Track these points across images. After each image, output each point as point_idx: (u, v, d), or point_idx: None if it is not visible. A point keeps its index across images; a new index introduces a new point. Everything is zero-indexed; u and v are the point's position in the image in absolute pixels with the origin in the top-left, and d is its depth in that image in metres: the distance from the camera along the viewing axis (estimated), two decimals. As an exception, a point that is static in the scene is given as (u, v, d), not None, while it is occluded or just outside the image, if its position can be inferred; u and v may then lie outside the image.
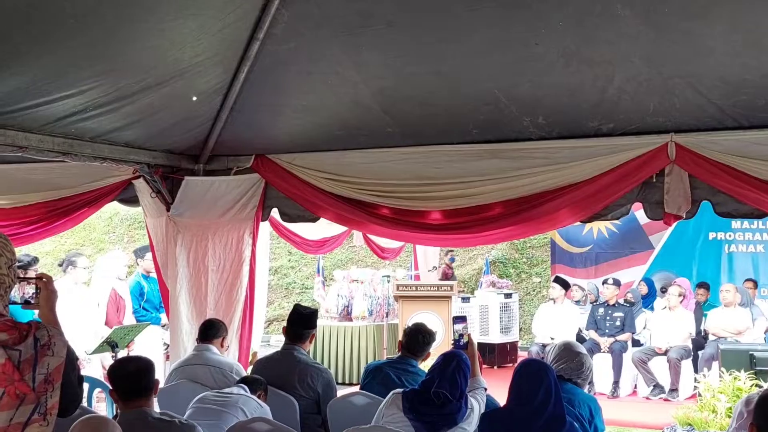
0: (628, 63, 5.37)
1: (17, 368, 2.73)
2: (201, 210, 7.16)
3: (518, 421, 4.56)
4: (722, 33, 5.06)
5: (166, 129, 6.57)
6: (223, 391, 5.42)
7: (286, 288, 20.71)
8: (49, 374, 2.79)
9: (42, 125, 5.72)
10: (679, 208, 5.86)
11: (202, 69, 5.84)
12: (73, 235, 21.97)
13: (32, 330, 2.81)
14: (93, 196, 7.46)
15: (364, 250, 17.84)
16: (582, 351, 5.33)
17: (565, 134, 6.13)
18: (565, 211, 6.18)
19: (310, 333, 6.29)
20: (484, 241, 10.08)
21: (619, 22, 5.07)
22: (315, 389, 5.97)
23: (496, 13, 5.22)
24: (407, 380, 5.75)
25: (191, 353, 6.29)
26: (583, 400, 5.10)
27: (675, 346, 11.53)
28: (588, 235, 15.97)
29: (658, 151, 5.83)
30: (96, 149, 6.30)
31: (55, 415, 2.82)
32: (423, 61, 5.78)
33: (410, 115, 6.33)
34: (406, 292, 12.26)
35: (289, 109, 6.52)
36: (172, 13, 5.06)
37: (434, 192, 6.54)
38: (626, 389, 11.91)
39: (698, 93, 5.46)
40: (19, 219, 7.63)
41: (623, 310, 12.35)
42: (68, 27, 4.72)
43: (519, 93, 5.86)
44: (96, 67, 5.25)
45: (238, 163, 7.20)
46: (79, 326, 8.58)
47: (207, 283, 7.18)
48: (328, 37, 5.61)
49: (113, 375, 4.46)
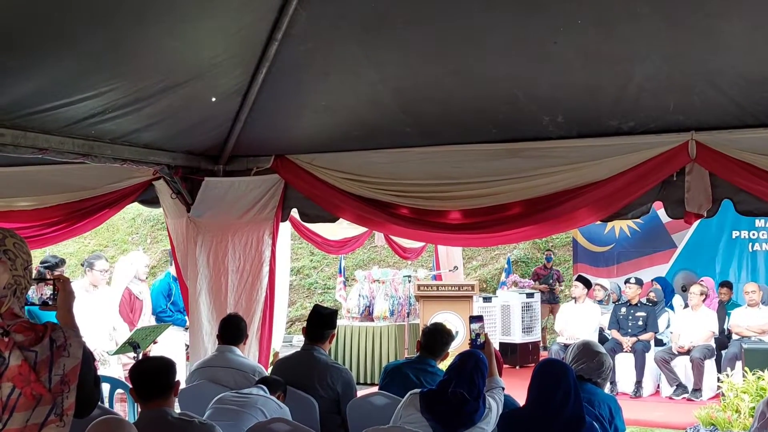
0: (647, 61, 5.35)
1: (33, 369, 2.74)
2: (221, 211, 7.17)
3: (537, 421, 4.55)
4: (743, 30, 5.03)
5: (185, 130, 6.59)
6: (242, 392, 5.43)
7: (308, 288, 20.74)
8: (65, 375, 2.80)
9: (62, 127, 5.74)
10: (700, 206, 5.82)
11: (220, 70, 5.85)
12: (96, 236, 22.09)
13: (48, 331, 2.82)
14: (114, 198, 7.48)
15: (385, 250, 17.87)
16: (601, 350, 5.30)
17: (585, 133, 6.09)
18: (584, 210, 6.15)
19: (330, 333, 6.29)
20: (503, 241, 10.06)
21: (638, 20, 5.05)
22: (335, 389, 5.97)
23: (515, 12, 5.21)
24: (426, 380, 5.74)
25: (213, 354, 6.28)
26: (603, 400, 5.08)
27: (698, 346, 11.45)
28: (610, 233, 15.88)
29: (678, 149, 5.78)
30: (116, 150, 6.32)
31: (72, 416, 2.83)
32: (441, 60, 5.77)
33: (429, 114, 6.31)
34: (426, 292, 12.26)
35: (308, 109, 6.53)
36: (190, 14, 5.09)
37: (453, 192, 6.52)
38: (649, 389, 11.84)
39: (719, 91, 5.42)
40: (41, 220, 7.66)
41: (646, 310, 12.29)
42: (87, 29, 4.75)
43: (538, 92, 5.84)
44: (115, 69, 5.27)
45: (257, 163, 7.19)
46: (94, 327, 8.62)
47: (227, 283, 7.19)
48: (345, 37, 5.62)
49: (134, 374, 4.49)
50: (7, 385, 2.72)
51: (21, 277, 2.94)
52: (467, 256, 19.76)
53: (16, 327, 2.80)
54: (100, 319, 8.76)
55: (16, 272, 2.92)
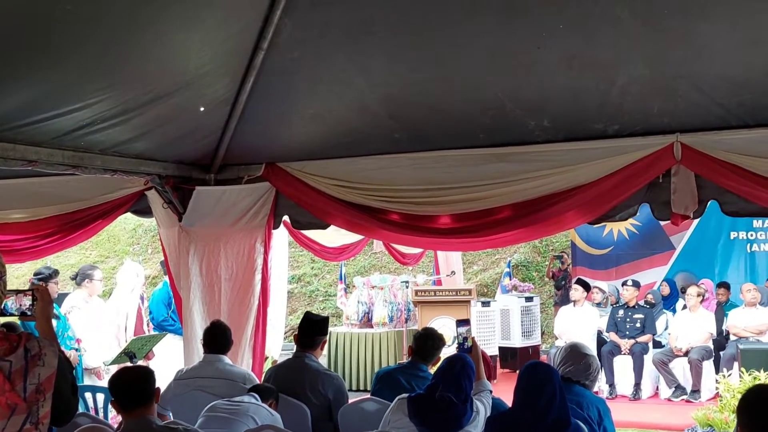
0: (630, 64, 5.38)
1: (8, 379, 2.77)
2: (212, 219, 7.20)
3: (523, 424, 4.55)
4: (724, 32, 5.05)
5: (175, 140, 6.61)
6: (233, 400, 5.44)
7: (309, 296, 20.75)
8: (40, 384, 2.83)
9: (51, 139, 5.76)
10: (686, 208, 5.86)
11: (208, 79, 5.89)
12: (97, 247, 22.13)
13: (23, 341, 2.85)
14: (106, 208, 7.50)
15: (385, 256, 17.86)
16: (589, 352, 5.32)
17: (571, 137, 6.12)
18: (572, 213, 6.18)
19: (321, 340, 6.32)
20: (494, 245, 10.09)
21: (619, 24, 5.08)
22: (326, 396, 6.00)
23: (498, 18, 5.25)
24: (418, 385, 5.75)
25: (199, 363, 6.27)
26: (591, 401, 5.10)
27: (696, 347, 11.47)
28: (608, 236, 15.91)
29: (663, 151, 5.81)
30: (106, 161, 6.35)
31: (47, 424, 2.86)
32: (428, 66, 5.80)
33: (417, 120, 6.34)
34: (424, 298, 12.28)
35: (297, 117, 6.55)
36: (176, 25, 5.12)
37: (443, 196, 6.55)
38: (647, 391, 11.86)
39: (702, 93, 5.45)
40: (35, 232, 7.69)
41: (643, 312, 12.31)
42: (74, 41, 4.77)
43: (523, 97, 5.87)
44: (102, 81, 5.30)
45: (248, 171, 7.21)
46: (95, 338, 8.67)
47: (220, 292, 7.21)
48: (332, 45, 5.65)
49: (112, 385, 4.49)
50: None
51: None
52: (467, 260, 19.77)
53: None
54: (104, 330, 8.82)
55: None
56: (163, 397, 5.83)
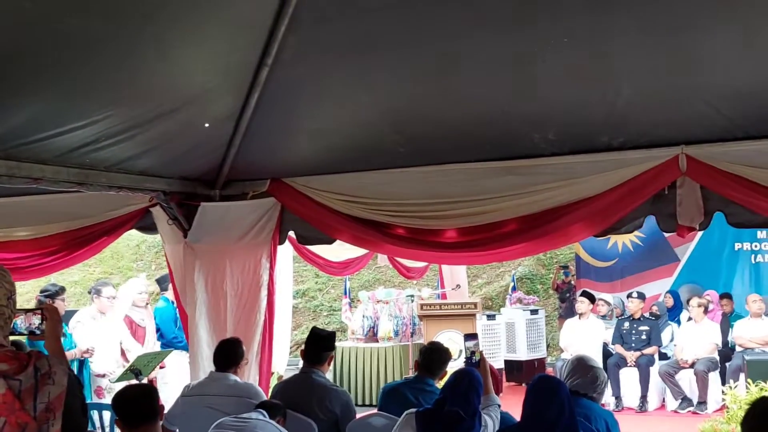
0: (635, 76, 5.37)
1: (18, 398, 2.76)
2: (218, 235, 7.19)
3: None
4: (729, 44, 5.03)
5: (180, 156, 6.61)
6: (241, 417, 5.43)
7: (314, 311, 20.72)
8: (50, 403, 2.83)
9: (56, 156, 5.77)
10: (692, 219, 5.84)
11: (212, 96, 5.89)
12: (101, 264, 22.11)
13: (32, 360, 2.85)
14: (111, 225, 7.49)
15: (390, 270, 17.86)
16: (596, 365, 5.32)
17: (576, 149, 6.11)
18: (578, 225, 6.17)
19: (328, 355, 6.31)
20: (500, 258, 10.05)
21: (625, 37, 5.07)
22: (334, 411, 5.99)
23: (502, 31, 5.23)
24: (424, 400, 5.75)
25: (206, 379, 6.23)
26: (599, 414, 5.10)
27: (702, 359, 11.45)
28: (613, 248, 15.89)
29: (669, 163, 5.81)
30: (111, 178, 6.35)
31: None
32: (432, 80, 5.79)
33: (422, 134, 6.33)
34: (430, 312, 12.24)
35: (302, 132, 6.56)
36: (180, 41, 5.13)
37: (448, 210, 6.53)
38: (654, 403, 11.85)
39: (707, 104, 5.43)
40: (40, 250, 7.67)
41: (649, 324, 12.30)
42: (78, 59, 4.78)
43: (528, 109, 5.86)
44: (106, 98, 5.30)
45: (253, 187, 7.21)
46: (103, 354, 8.66)
47: (226, 308, 7.19)
48: (336, 60, 5.64)
49: (116, 404, 4.46)
50: None
51: (4, 307, 2.96)
52: (472, 274, 19.74)
53: (0, 356, 2.83)
54: (108, 346, 8.80)
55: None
56: (171, 413, 5.84)
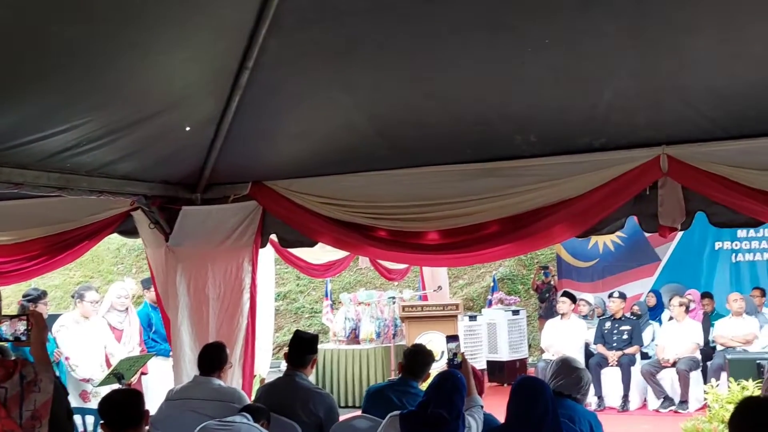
0: (615, 78, 5.39)
1: (4, 405, 2.75)
2: (199, 239, 7.17)
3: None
4: (709, 45, 5.06)
5: (161, 160, 6.58)
6: (225, 420, 5.40)
7: (295, 313, 20.70)
8: (36, 410, 2.82)
9: (37, 161, 5.73)
10: (674, 220, 5.86)
11: (193, 99, 5.88)
12: (81, 267, 22.01)
13: (18, 367, 2.84)
14: (93, 229, 7.48)
15: (371, 272, 17.84)
16: (579, 366, 5.34)
17: (558, 151, 6.12)
18: (560, 226, 6.18)
19: (311, 358, 6.30)
20: (482, 260, 10.08)
21: (605, 38, 5.10)
22: (317, 414, 5.97)
23: (483, 34, 5.24)
24: (408, 402, 5.75)
25: (189, 383, 6.22)
26: (583, 416, 5.12)
27: (683, 358, 11.51)
28: (594, 249, 15.96)
29: (650, 164, 5.82)
30: (92, 183, 6.31)
31: None
32: (414, 83, 5.79)
33: (404, 137, 6.33)
34: (411, 313, 12.24)
35: (284, 135, 6.55)
36: (160, 46, 5.10)
37: (430, 212, 6.53)
38: (636, 403, 11.89)
39: (688, 105, 5.46)
40: (21, 254, 7.65)
41: (630, 323, 12.35)
42: (58, 63, 4.76)
43: (510, 112, 5.87)
44: (87, 102, 5.28)
45: (235, 190, 7.18)
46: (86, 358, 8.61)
47: (208, 311, 7.17)
48: (317, 63, 5.64)
49: (101, 408, 4.43)
50: None
51: None
52: (453, 275, 19.75)
53: None
54: (91, 350, 8.75)
55: None
56: (155, 418, 5.81)
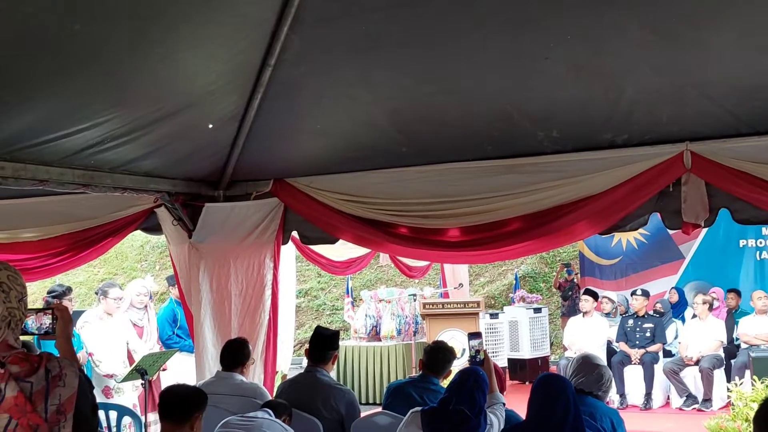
0: (638, 74, 5.37)
1: (29, 400, 2.77)
2: (222, 236, 7.20)
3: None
4: (732, 40, 5.03)
5: (184, 157, 6.62)
6: (247, 416, 5.44)
7: (317, 310, 20.75)
8: (61, 405, 2.83)
9: (61, 158, 5.78)
10: (697, 216, 5.83)
11: (215, 97, 5.89)
12: (105, 264, 22.16)
13: (43, 362, 2.85)
14: (116, 226, 7.52)
15: (392, 269, 17.87)
16: (601, 363, 5.32)
17: (580, 147, 6.11)
18: (582, 223, 6.16)
19: (332, 354, 6.31)
20: (503, 257, 10.05)
21: (627, 34, 5.07)
22: (338, 410, 5.99)
23: (504, 29, 5.22)
24: (429, 398, 5.75)
25: (212, 379, 6.27)
26: (604, 413, 5.09)
27: (706, 356, 11.43)
28: (617, 246, 15.89)
29: (673, 160, 5.80)
30: (116, 180, 6.36)
31: None
32: (434, 79, 5.79)
33: (424, 134, 6.34)
34: (432, 311, 12.25)
35: (305, 132, 6.56)
36: (182, 43, 5.12)
37: (451, 209, 6.53)
38: (659, 401, 11.82)
39: (711, 101, 5.43)
40: (46, 251, 7.70)
41: (653, 321, 12.28)
42: (81, 62, 4.78)
43: (531, 108, 5.86)
44: (111, 100, 5.31)
45: (257, 187, 7.22)
46: (110, 354, 8.66)
47: (230, 307, 7.21)
48: (339, 60, 5.65)
49: (162, 393, 4.64)
50: (4, 416, 2.75)
51: (15, 309, 2.97)
52: (474, 273, 19.75)
53: (11, 358, 2.84)
54: (114, 347, 8.80)
55: (10, 304, 2.95)
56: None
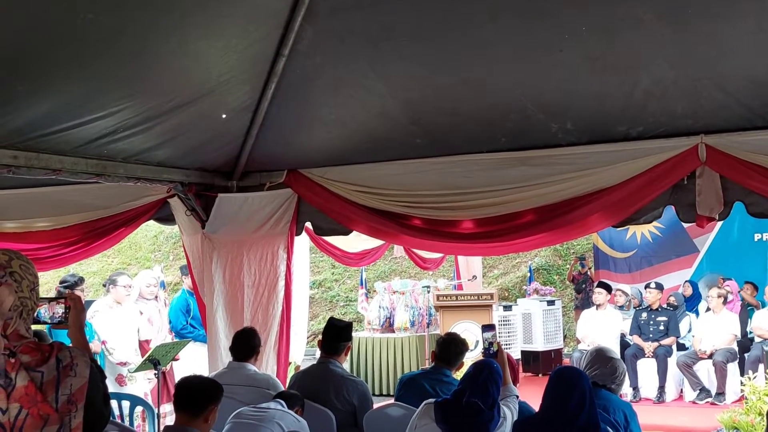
0: (653, 66, 5.34)
1: (40, 390, 2.77)
2: (235, 226, 7.20)
3: (552, 428, 4.54)
4: (747, 32, 5.01)
5: (197, 147, 6.62)
6: (260, 406, 5.44)
7: (330, 301, 20.77)
8: (72, 395, 2.83)
9: (75, 147, 5.79)
10: (712, 209, 5.80)
11: (229, 87, 5.89)
12: (119, 255, 22.22)
13: (54, 351, 2.85)
14: (129, 216, 7.52)
15: (406, 261, 17.86)
16: (614, 356, 5.30)
17: (594, 139, 6.09)
18: (596, 216, 6.14)
19: (345, 345, 6.30)
20: (517, 249, 10.04)
21: (642, 26, 5.05)
22: (351, 402, 5.99)
23: (519, 21, 5.22)
24: (442, 390, 5.73)
25: (224, 370, 6.27)
26: (617, 406, 5.08)
27: (720, 349, 11.38)
28: (632, 239, 15.85)
29: (688, 153, 5.78)
30: (129, 169, 6.36)
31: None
32: (448, 71, 5.77)
33: (438, 125, 6.32)
34: (446, 302, 12.23)
35: (319, 123, 6.55)
36: (196, 33, 5.13)
37: (465, 201, 6.52)
38: (672, 394, 11.79)
39: (726, 93, 5.41)
40: (59, 240, 7.71)
41: (667, 314, 12.23)
42: (94, 51, 4.78)
43: (546, 100, 5.84)
44: (124, 90, 5.31)
45: (270, 178, 7.21)
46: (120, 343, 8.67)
47: (243, 298, 7.21)
48: (352, 51, 5.64)
49: (178, 384, 4.66)
50: (15, 405, 2.75)
51: (27, 299, 2.96)
52: (488, 265, 19.73)
53: (22, 348, 2.83)
54: (126, 335, 8.82)
55: (22, 294, 2.95)
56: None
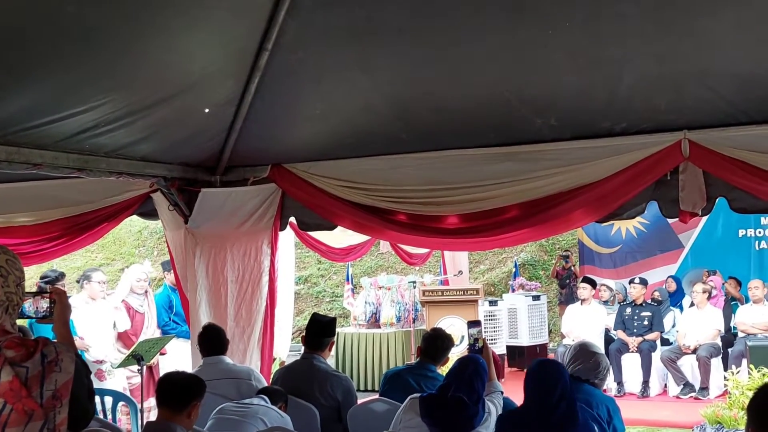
0: (637, 62, 5.37)
1: (24, 385, 2.75)
2: (218, 221, 7.16)
3: (533, 419, 4.56)
4: (731, 28, 5.03)
5: (180, 142, 6.58)
6: (243, 402, 5.44)
7: (316, 297, 20.74)
8: (57, 390, 2.81)
9: (56, 142, 5.74)
10: (695, 205, 5.82)
11: (212, 81, 5.87)
12: (103, 250, 22.14)
13: (39, 346, 2.83)
14: (112, 211, 7.48)
15: (392, 256, 17.83)
16: (598, 351, 5.31)
17: (578, 135, 6.09)
18: (580, 211, 6.15)
19: (329, 341, 6.30)
20: (501, 244, 10.05)
21: (626, 21, 5.07)
22: (335, 397, 5.98)
23: (503, 16, 5.23)
24: (426, 385, 5.74)
25: (200, 367, 6.20)
26: (601, 400, 5.09)
27: (704, 344, 11.42)
28: (617, 235, 15.88)
29: (671, 148, 5.78)
30: (111, 164, 6.31)
31: (64, 431, 2.84)
32: (433, 66, 5.77)
33: (423, 120, 6.31)
34: (432, 298, 12.26)
35: (303, 118, 6.53)
36: (179, 27, 5.11)
37: (450, 196, 6.51)
38: (656, 389, 11.82)
39: (709, 89, 5.42)
40: (41, 235, 7.66)
41: (651, 309, 12.28)
42: (76, 45, 4.77)
43: (530, 95, 5.85)
44: (105, 83, 5.28)
45: (254, 173, 7.18)
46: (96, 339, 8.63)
47: (227, 294, 7.18)
48: (337, 45, 5.63)
49: (161, 379, 4.62)
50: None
51: (13, 294, 2.95)
52: (474, 260, 19.74)
53: (7, 343, 2.81)
54: (102, 331, 8.78)
55: (8, 289, 2.93)
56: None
